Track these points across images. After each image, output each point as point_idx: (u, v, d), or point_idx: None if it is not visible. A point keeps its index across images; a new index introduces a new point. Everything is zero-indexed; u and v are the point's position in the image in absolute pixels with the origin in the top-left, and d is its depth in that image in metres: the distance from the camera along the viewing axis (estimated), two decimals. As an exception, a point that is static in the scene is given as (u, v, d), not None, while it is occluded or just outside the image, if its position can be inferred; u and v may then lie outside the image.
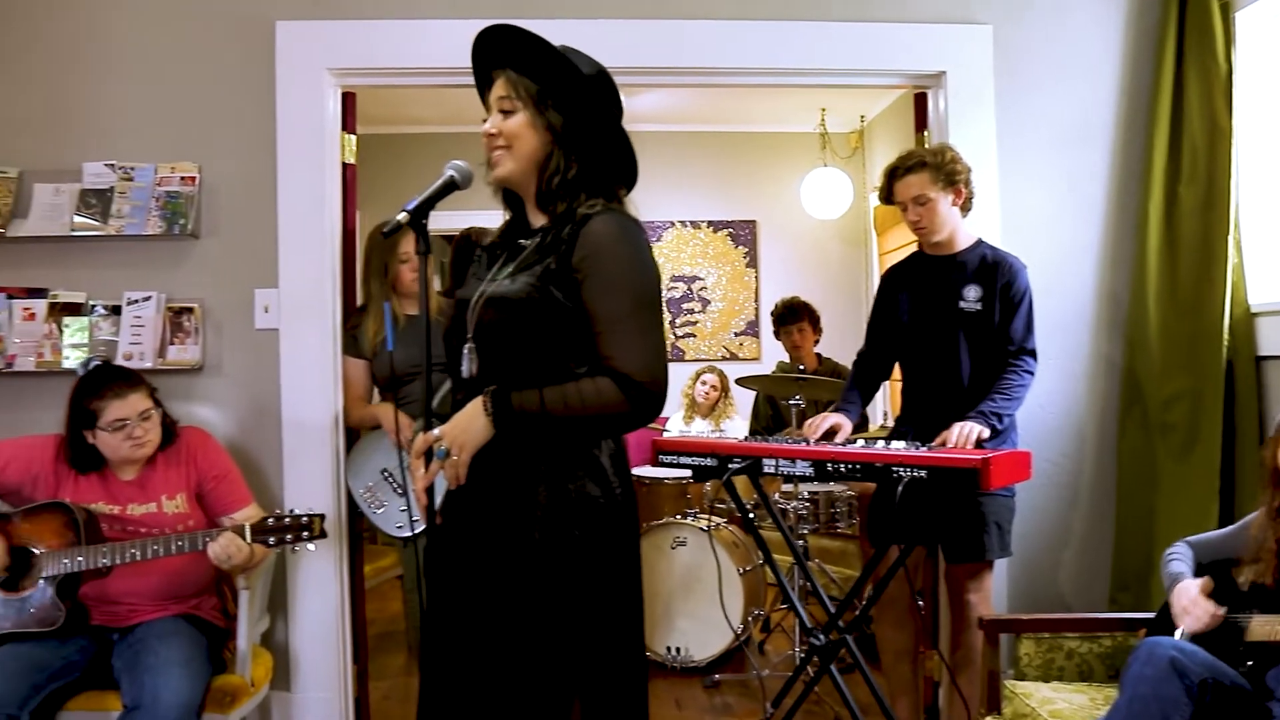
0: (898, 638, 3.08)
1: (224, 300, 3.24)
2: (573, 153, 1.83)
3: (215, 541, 2.55)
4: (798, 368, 4.69)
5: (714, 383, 5.41)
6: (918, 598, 3.05)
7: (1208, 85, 3.13)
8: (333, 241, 3.28)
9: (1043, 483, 3.28)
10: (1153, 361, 3.24)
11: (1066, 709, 2.37)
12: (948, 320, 2.89)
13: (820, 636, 2.78)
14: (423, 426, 1.86)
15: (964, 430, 2.68)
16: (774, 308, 4.99)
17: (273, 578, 3.11)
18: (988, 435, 2.71)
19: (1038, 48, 3.39)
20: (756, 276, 6.63)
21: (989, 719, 2.55)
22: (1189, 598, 2.24)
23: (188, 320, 3.21)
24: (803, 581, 3.82)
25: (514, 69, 1.84)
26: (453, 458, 1.73)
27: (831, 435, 2.91)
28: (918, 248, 3.11)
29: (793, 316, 4.84)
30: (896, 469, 2.51)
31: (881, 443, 2.75)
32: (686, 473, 3.77)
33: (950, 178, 2.89)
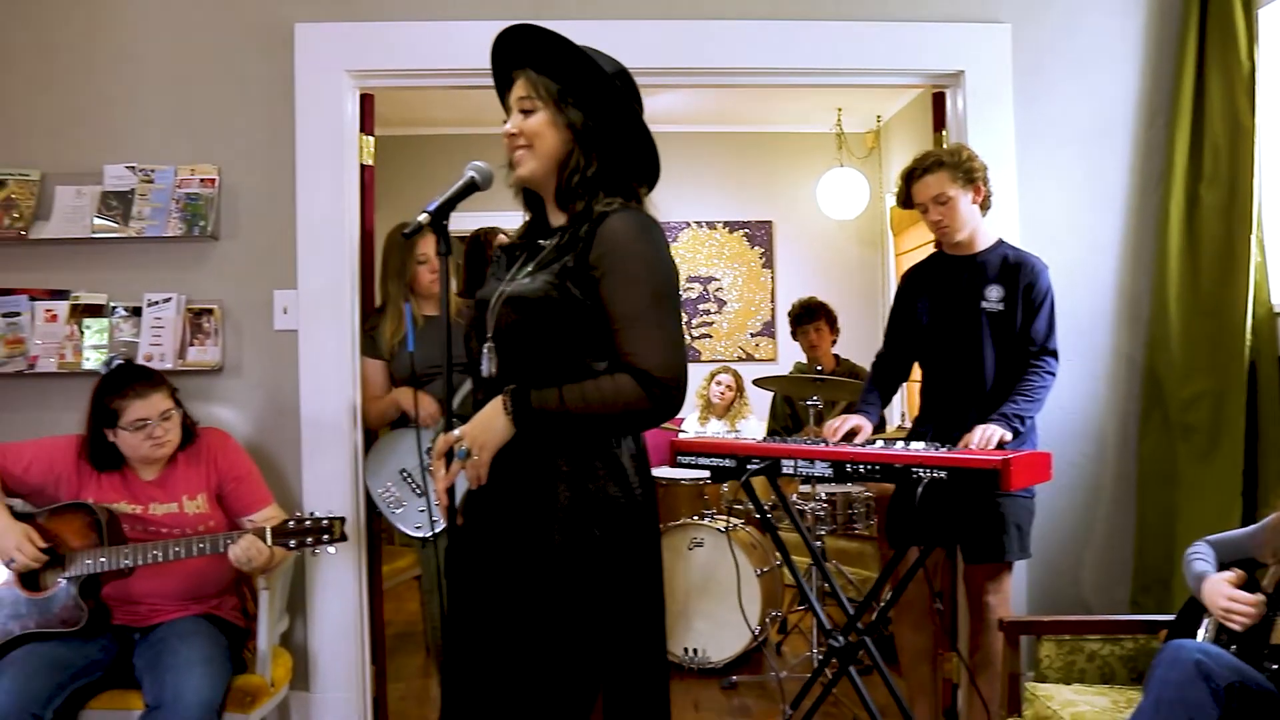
0: (917, 639, 3.07)
1: (243, 301, 3.25)
2: (593, 151, 1.83)
3: (236, 544, 2.57)
4: (815, 368, 4.68)
5: (729, 383, 5.41)
6: (937, 599, 3.03)
7: (1230, 84, 3.10)
8: (351, 243, 3.29)
9: (1063, 484, 3.25)
10: (1174, 362, 3.21)
11: (1089, 712, 2.35)
12: (970, 321, 2.87)
13: (839, 638, 2.77)
14: (444, 426, 1.87)
15: (986, 433, 2.67)
16: (791, 308, 4.99)
17: (292, 578, 3.12)
18: (1010, 438, 2.70)
19: (1057, 46, 3.37)
20: (772, 277, 6.62)
21: (1009, 721, 2.54)
22: (1225, 595, 2.16)
23: (207, 321, 3.22)
24: (820, 583, 3.81)
25: (534, 68, 1.84)
26: (473, 458, 1.73)
27: (851, 437, 2.90)
28: (937, 248, 3.10)
29: (810, 316, 4.84)
30: (916, 470, 2.50)
31: (900, 443, 2.74)
32: (704, 474, 3.77)
33: (969, 175, 2.87)
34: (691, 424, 5.43)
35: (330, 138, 3.25)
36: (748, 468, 2.74)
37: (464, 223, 3.51)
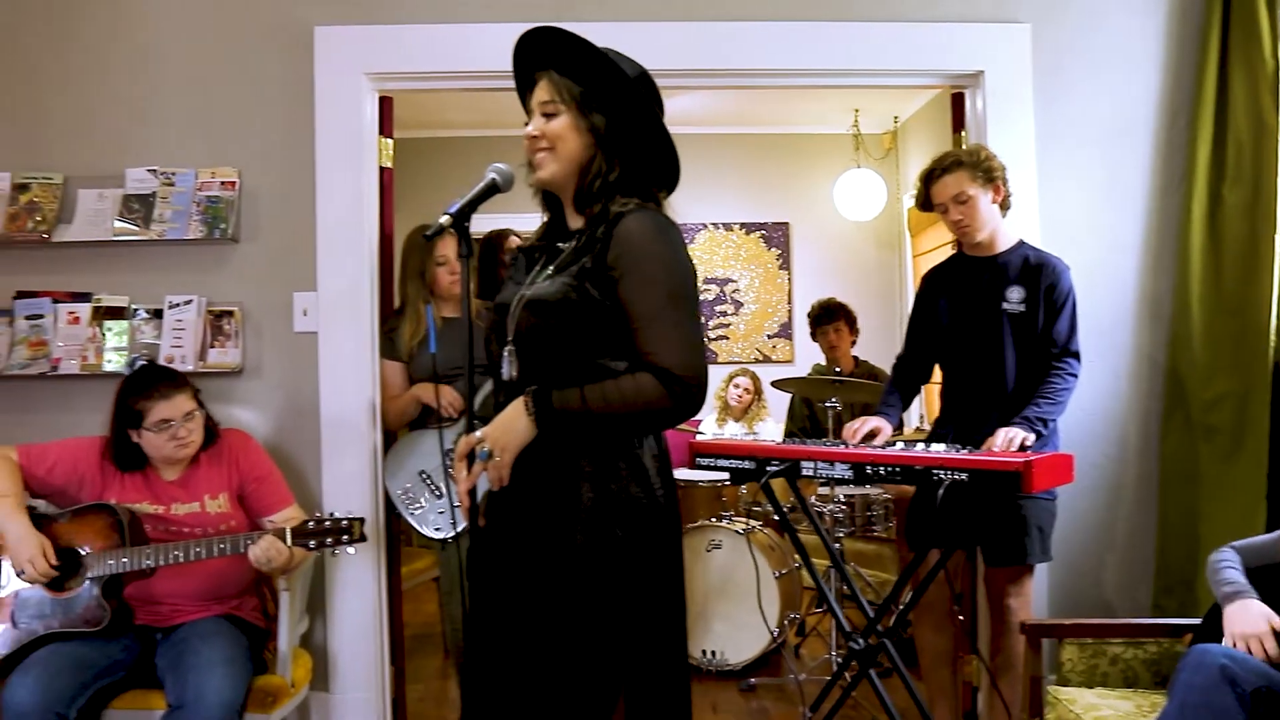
0: (937, 642, 3.05)
1: (263, 303, 3.27)
2: (615, 155, 1.83)
3: (256, 544, 2.58)
4: (834, 369, 4.66)
5: (747, 385, 5.39)
6: (957, 602, 3.02)
7: (1253, 82, 3.08)
8: (370, 245, 3.30)
9: (1084, 485, 3.23)
10: (1196, 363, 3.19)
11: (1112, 716, 2.34)
12: (991, 322, 2.86)
13: (859, 640, 2.76)
14: (465, 427, 1.87)
15: (1008, 436, 2.65)
16: (810, 308, 4.97)
17: (311, 579, 3.13)
18: (1032, 440, 2.68)
19: (1077, 46, 3.35)
20: (789, 279, 6.61)
21: (1031, 725, 2.53)
22: (1258, 630, 2.11)
23: (228, 323, 3.24)
24: (839, 585, 3.80)
25: (557, 70, 1.84)
26: (495, 459, 1.74)
27: (871, 438, 2.89)
28: (957, 249, 3.08)
29: (829, 317, 4.82)
30: (937, 472, 2.49)
31: (921, 445, 2.73)
32: (723, 476, 3.76)
33: (988, 174, 2.86)
34: (709, 426, 5.42)
35: (349, 140, 3.26)
36: (767, 470, 2.73)
37: (478, 224, 3.52)
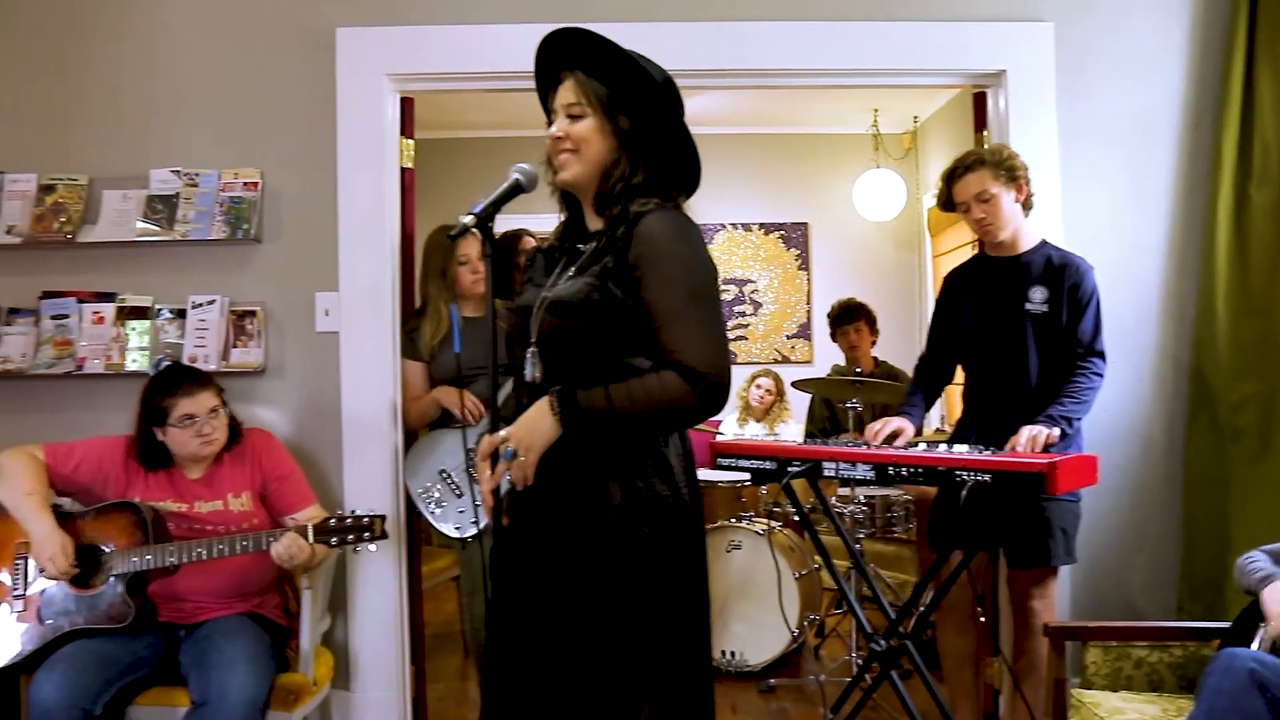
0: (959, 644, 3.03)
1: (285, 303, 3.28)
2: (638, 158, 1.84)
3: (278, 541, 2.59)
4: (854, 370, 4.64)
5: (769, 386, 5.37)
6: (979, 603, 3.00)
7: (1280, 81, 3.05)
8: (392, 245, 3.31)
9: (1107, 487, 3.19)
10: (1221, 363, 3.16)
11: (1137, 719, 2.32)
12: (1014, 322, 2.84)
13: (881, 642, 2.75)
14: (489, 427, 1.88)
15: (1033, 435, 2.63)
16: (830, 308, 4.95)
17: (333, 577, 3.14)
18: (1057, 438, 2.66)
19: (1101, 45, 3.33)
20: (808, 279, 6.59)
21: (1055, 728, 2.51)
22: None
23: (250, 323, 3.25)
24: (859, 586, 3.79)
25: (584, 72, 1.84)
26: (519, 459, 1.74)
27: (893, 439, 2.88)
28: (979, 249, 3.07)
29: (849, 317, 4.81)
30: (960, 473, 2.48)
31: (943, 446, 2.72)
32: (744, 476, 3.76)
33: (1011, 173, 2.85)
34: (730, 426, 5.40)
35: (371, 141, 3.28)
36: (789, 470, 2.73)
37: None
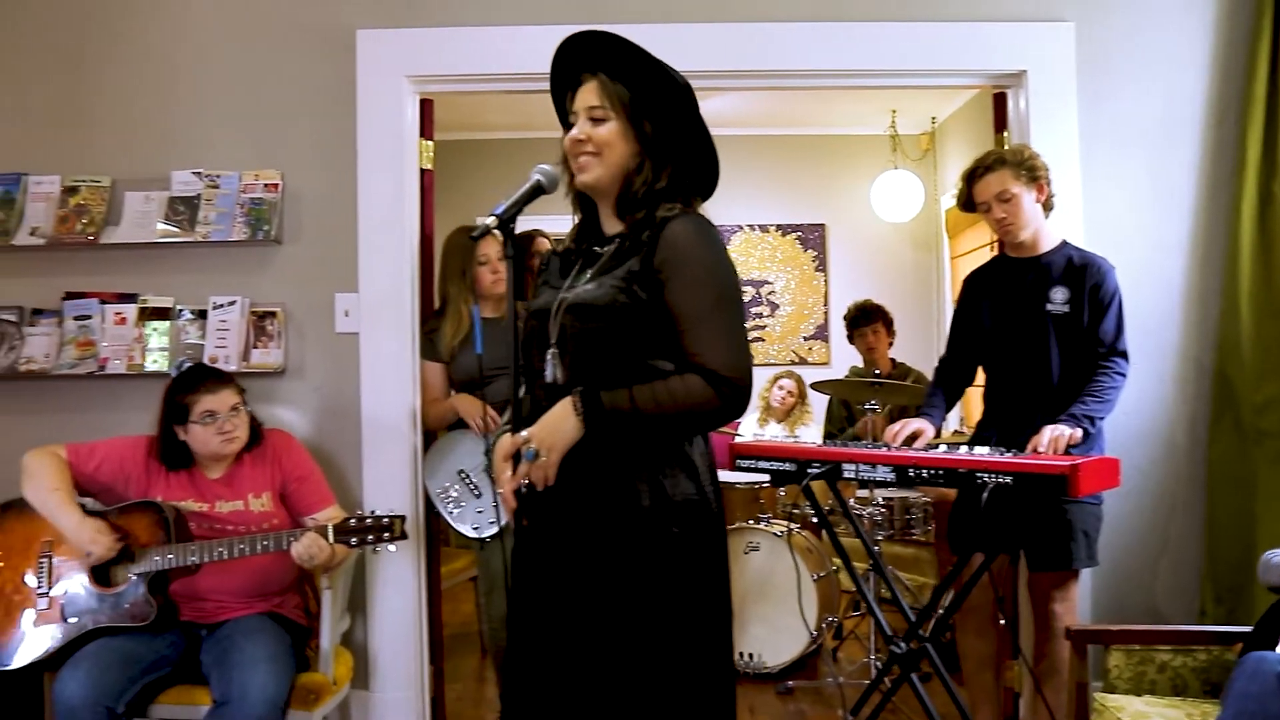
0: (980, 646, 3.02)
1: (305, 304, 3.30)
2: (661, 162, 1.84)
3: (299, 541, 2.60)
4: (873, 371, 4.63)
5: (791, 388, 5.36)
6: (1000, 606, 2.98)
7: (1306, 80, 3.03)
8: (411, 246, 3.33)
9: (1127, 489, 3.16)
10: (1245, 365, 3.13)
11: (1162, 724, 2.30)
12: (1036, 323, 2.83)
13: (901, 644, 2.74)
14: (511, 428, 1.87)
15: (1055, 434, 2.62)
16: (847, 310, 4.94)
17: (352, 578, 3.15)
18: (1079, 438, 2.64)
19: (1123, 44, 3.31)
20: (826, 281, 6.57)
21: (1077, 731, 2.49)
22: None
23: (270, 324, 3.27)
24: (878, 588, 3.78)
25: (607, 75, 1.84)
26: (541, 459, 1.74)
27: (912, 441, 2.87)
28: (999, 250, 3.05)
29: (867, 319, 4.80)
30: (981, 475, 2.47)
31: (964, 448, 2.70)
32: (763, 477, 3.75)
33: (1032, 173, 2.84)
34: (750, 427, 5.39)
35: (390, 142, 3.29)
36: (808, 472, 2.72)
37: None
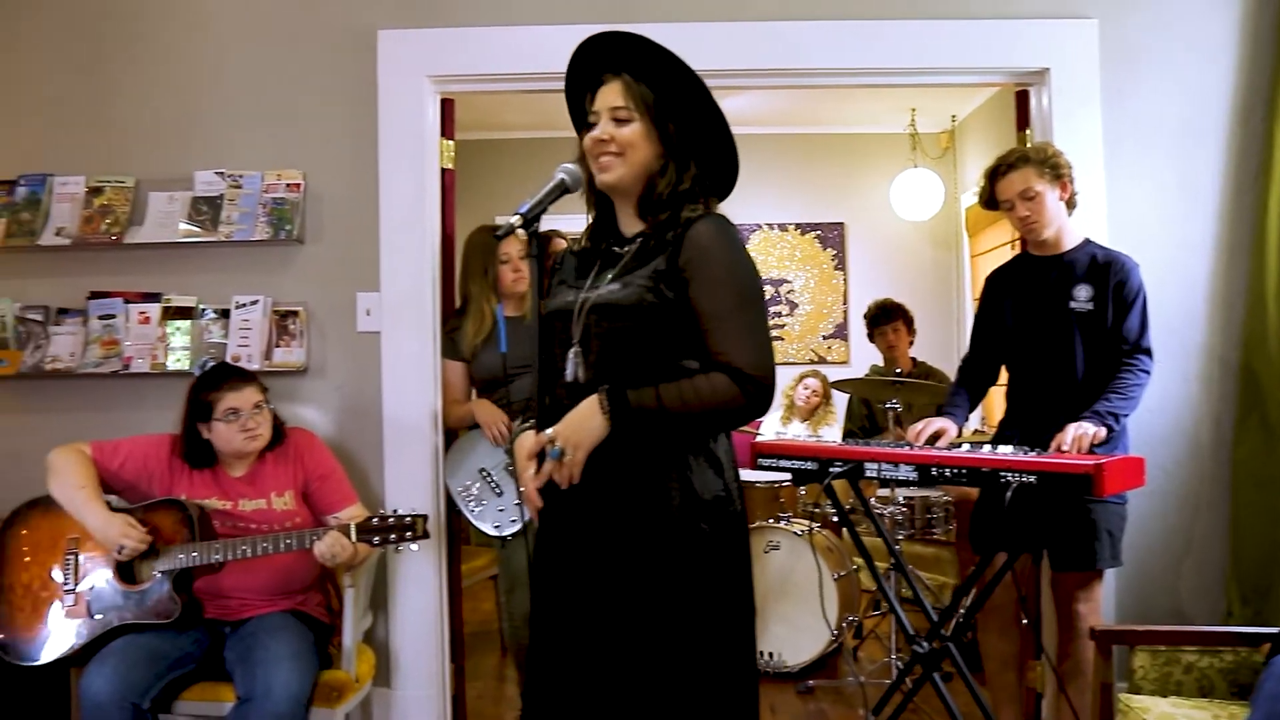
0: (1002, 646, 3.00)
1: (327, 303, 3.31)
2: (685, 165, 1.85)
3: (322, 540, 2.61)
4: (894, 370, 4.61)
5: (816, 388, 5.34)
6: (1023, 605, 2.97)
7: (1334, 76, 2.99)
8: (432, 246, 3.34)
9: (1153, 489, 3.14)
10: (1273, 362, 3.10)
11: (1189, 726, 2.28)
12: (1059, 321, 2.81)
13: (923, 644, 2.73)
14: (524, 425, 1.88)
15: (1079, 433, 2.60)
16: (868, 309, 4.93)
17: (374, 576, 3.16)
18: (1104, 436, 2.62)
19: (1147, 41, 3.28)
20: (845, 279, 6.56)
21: (1103, 732, 2.47)
22: None
23: (293, 323, 3.29)
24: (899, 587, 3.76)
25: (631, 75, 1.84)
26: (567, 457, 1.74)
27: (935, 440, 2.85)
28: (1021, 249, 3.04)
29: (887, 317, 4.78)
30: (1004, 474, 2.45)
31: (987, 447, 2.69)
32: (784, 476, 3.74)
33: (1055, 171, 2.82)
34: (773, 424, 5.38)
35: (412, 142, 3.30)
36: (830, 470, 2.71)
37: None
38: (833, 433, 5.20)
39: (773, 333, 6.33)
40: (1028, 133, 3.41)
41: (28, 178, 3.30)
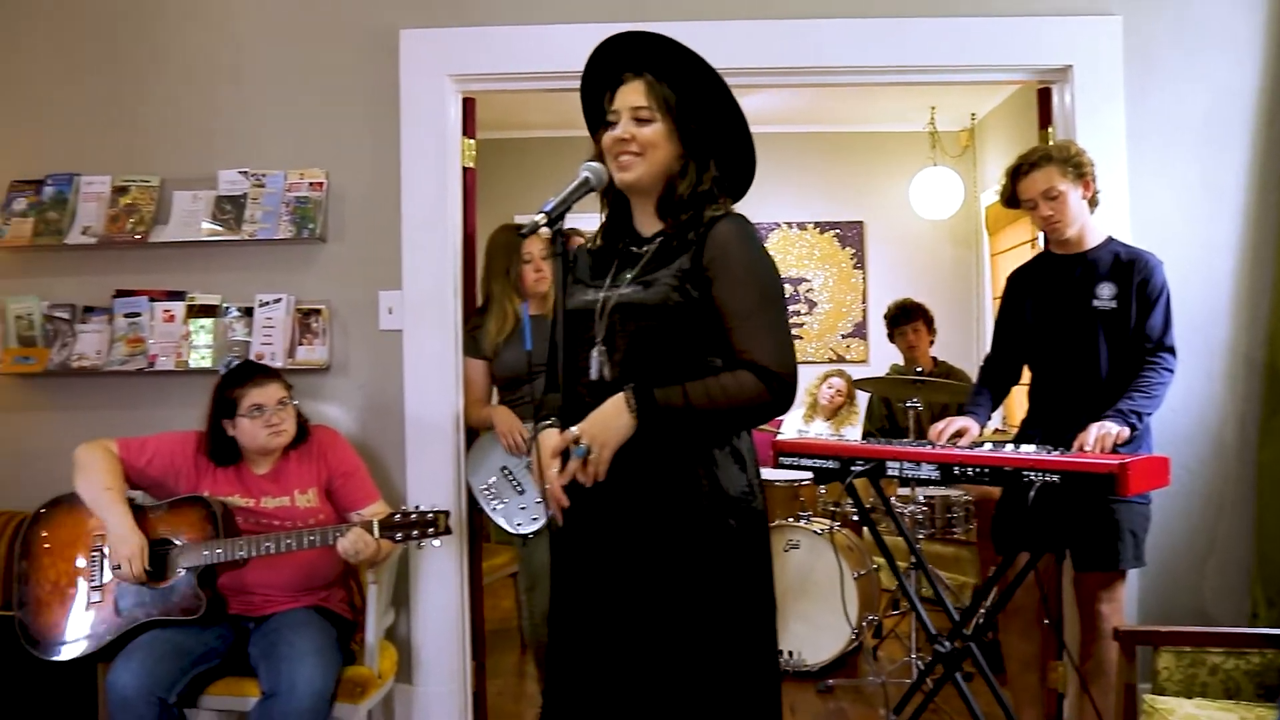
0: (1024, 647, 2.99)
1: (350, 302, 3.33)
2: (705, 165, 1.86)
3: (345, 536, 2.63)
4: (915, 369, 4.60)
5: (840, 387, 5.33)
6: (1045, 605, 2.95)
7: (1360, 73, 2.96)
8: (454, 244, 3.35)
9: (1177, 489, 3.11)
10: (1298, 363, 3.08)
11: (1215, 727, 2.27)
12: (1083, 319, 2.79)
13: (945, 643, 2.72)
14: (544, 424, 1.89)
15: (1102, 432, 2.58)
16: (888, 308, 4.91)
17: (395, 573, 3.18)
18: (1127, 436, 2.61)
19: (1172, 38, 3.26)
20: (864, 278, 6.54)
21: (1126, 734, 2.46)
22: None
23: (316, 321, 3.31)
24: (919, 586, 3.75)
25: (653, 75, 1.85)
26: (593, 455, 1.74)
27: (957, 439, 2.84)
28: (1044, 247, 3.02)
29: (907, 317, 4.77)
30: (1027, 473, 2.44)
31: (1010, 446, 2.68)
32: (804, 475, 3.74)
33: (1078, 170, 2.81)
34: (795, 422, 5.37)
35: (433, 141, 3.31)
36: (852, 469, 2.71)
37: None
38: (855, 432, 5.20)
39: (792, 331, 6.42)
40: (1050, 130, 3.40)
41: (55, 177, 3.34)
